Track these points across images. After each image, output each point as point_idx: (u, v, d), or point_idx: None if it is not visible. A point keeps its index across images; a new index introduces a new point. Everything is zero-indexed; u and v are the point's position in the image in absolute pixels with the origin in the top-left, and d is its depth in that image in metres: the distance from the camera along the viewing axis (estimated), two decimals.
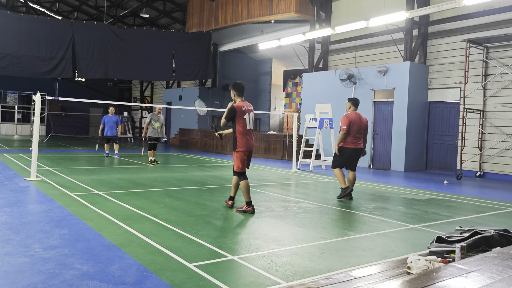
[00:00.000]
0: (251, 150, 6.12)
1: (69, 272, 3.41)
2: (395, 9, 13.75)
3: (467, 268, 2.34)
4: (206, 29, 21.24)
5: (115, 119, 14.24)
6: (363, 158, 14.37)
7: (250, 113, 6.07)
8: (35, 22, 18.64)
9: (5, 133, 29.16)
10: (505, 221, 6.13)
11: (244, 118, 5.97)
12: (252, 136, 6.12)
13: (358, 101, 7.59)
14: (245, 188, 6.00)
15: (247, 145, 6.02)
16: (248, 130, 6.03)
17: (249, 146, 6.04)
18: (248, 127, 6.03)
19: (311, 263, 3.85)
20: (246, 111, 6.02)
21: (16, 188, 7.36)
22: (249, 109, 6.09)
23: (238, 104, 6.03)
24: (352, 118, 7.35)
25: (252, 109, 6.16)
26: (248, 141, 6.03)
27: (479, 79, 12.30)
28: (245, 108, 6.02)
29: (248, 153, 6.07)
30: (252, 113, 6.13)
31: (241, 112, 5.96)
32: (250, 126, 6.06)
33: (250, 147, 6.06)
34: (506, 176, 11.75)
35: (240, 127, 5.98)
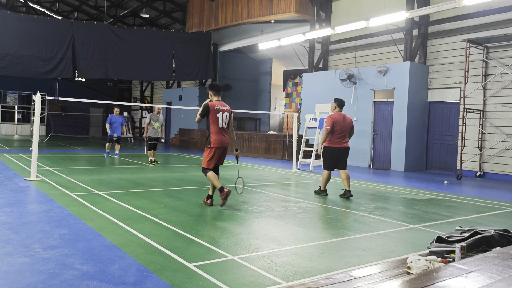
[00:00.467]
0: (225, 147, 6.40)
1: (69, 272, 3.41)
2: (395, 9, 13.75)
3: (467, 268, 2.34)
4: (206, 29, 21.24)
5: (120, 120, 14.30)
6: (363, 158, 14.40)
7: (224, 112, 6.38)
8: (35, 22, 18.63)
9: (5, 133, 29.16)
10: (505, 221, 6.13)
11: (217, 117, 6.29)
12: (225, 134, 6.40)
13: (343, 102, 7.92)
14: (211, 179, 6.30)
15: (219, 142, 6.30)
16: (221, 128, 6.34)
17: (221, 143, 6.32)
18: (221, 126, 6.33)
19: (311, 263, 3.85)
20: (220, 110, 6.34)
21: (16, 188, 7.36)
22: (224, 108, 6.39)
23: (213, 103, 6.36)
24: (336, 118, 7.64)
25: (227, 110, 6.44)
26: (220, 139, 6.33)
27: (479, 79, 12.30)
28: (219, 107, 6.35)
29: (220, 150, 6.36)
30: (227, 113, 6.41)
31: (214, 111, 6.30)
32: (223, 125, 6.36)
33: (223, 144, 6.34)
34: (506, 176, 11.75)
35: (213, 125, 6.31)
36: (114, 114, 14.24)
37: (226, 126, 6.41)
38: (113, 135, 14.21)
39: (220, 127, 6.34)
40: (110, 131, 14.17)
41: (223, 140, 6.36)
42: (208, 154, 6.35)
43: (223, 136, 6.36)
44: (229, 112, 6.47)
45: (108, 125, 14.14)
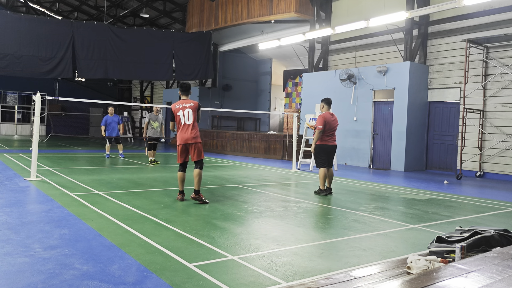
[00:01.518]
0: (189, 143, 6.61)
1: (69, 272, 3.41)
2: (395, 9, 13.75)
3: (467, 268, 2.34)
4: (206, 29, 21.24)
5: (116, 119, 14.12)
6: (363, 158, 14.40)
7: (186, 109, 6.59)
8: (35, 22, 18.63)
9: (5, 133, 29.16)
10: (505, 221, 6.13)
11: (178, 115, 6.60)
12: (188, 130, 6.58)
13: (330, 100, 8.18)
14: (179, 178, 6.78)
15: (181, 139, 6.58)
16: (183, 125, 6.58)
17: (184, 139, 6.57)
18: (183, 122, 6.58)
19: (311, 263, 3.85)
20: (180, 108, 6.61)
21: (16, 188, 7.36)
22: (185, 105, 6.62)
23: (174, 104, 6.73)
24: (327, 118, 7.90)
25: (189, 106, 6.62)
26: (182, 136, 6.57)
27: (479, 79, 12.30)
28: (179, 106, 6.63)
29: (183, 146, 6.60)
30: (189, 110, 6.60)
31: (174, 110, 6.63)
32: (185, 121, 6.59)
33: (186, 141, 6.57)
34: (506, 176, 11.75)
35: (176, 123, 6.66)
36: (109, 114, 14.06)
37: (189, 122, 6.59)
38: (111, 135, 14.09)
39: (181, 124, 6.59)
40: (106, 133, 13.95)
41: (185, 137, 6.57)
42: (177, 152, 6.71)
43: (184, 133, 6.57)
44: (192, 108, 6.64)
45: (103, 127, 13.91)
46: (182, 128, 6.59)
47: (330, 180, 7.99)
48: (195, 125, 6.64)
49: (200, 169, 6.65)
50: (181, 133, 6.58)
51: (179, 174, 6.79)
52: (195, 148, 6.61)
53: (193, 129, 6.60)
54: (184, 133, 6.57)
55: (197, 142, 6.63)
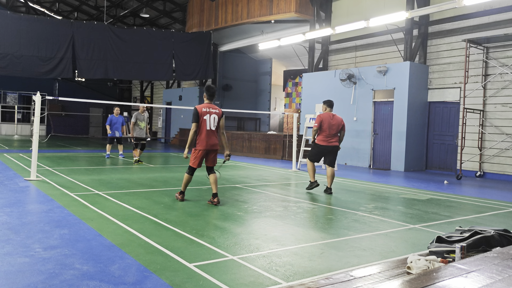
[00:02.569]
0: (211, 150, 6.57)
1: (69, 272, 3.41)
2: (395, 9, 13.75)
3: (467, 268, 2.34)
4: (206, 29, 21.24)
5: (121, 120, 14.04)
6: (363, 158, 14.40)
7: (212, 115, 6.51)
8: (35, 22, 18.63)
9: (5, 133, 29.17)
10: (505, 221, 6.13)
11: (204, 119, 6.47)
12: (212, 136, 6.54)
13: (332, 103, 8.18)
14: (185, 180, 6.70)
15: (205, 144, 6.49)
16: (208, 130, 6.49)
17: (207, 145, 6.50)
18: (208, 128, 6.48)
19: (311, 263, 3.85)
20: (207, 112, 6.50)
21: (16, 188, 7.36)
22: (212, 111, 6.53)
23: (200, 106, 6.55)
24: (324, 117, 7.95)
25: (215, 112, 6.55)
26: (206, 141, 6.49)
27: (479, 79, 12.30)
28: (206, 110, 6.51)
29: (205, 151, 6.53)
30: (216, 116, 6.55)
31: (202, 113, 6.47)
32: (211, 127, 6.51)
33: (208, 147, 6.52)
34: (506, 176, 11.75)
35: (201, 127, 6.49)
36: (114, 115, 13.98)
37: (214, 128, 6.55)
38: (114, 135, 14.04)
39: (207, 129, 6.48)
40: (111, 132, 13.93)
41: (210, 143, 6.50)
42: (194, 155, 6.57)
43: (209, 138, 6.50)
44: (218, 114, 6.58)
45: (108, 126, 13.86)
46: (206, 133, 6.47)
47: (330, 180, 8.02)
48: (216, 132, 6.63)
49: (214, 173, 6.69)
50: (205, 138, 6.47)
51: (188, 176, 6.67)
52: (214, 155, 6.64)
53: (216, 136, 6.61)
54: (209, 138, 6.48)
55: (217, 149, 6.69)
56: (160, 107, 28.76)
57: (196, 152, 6.53)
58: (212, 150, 6.57)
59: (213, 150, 6.59)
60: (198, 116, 6.44)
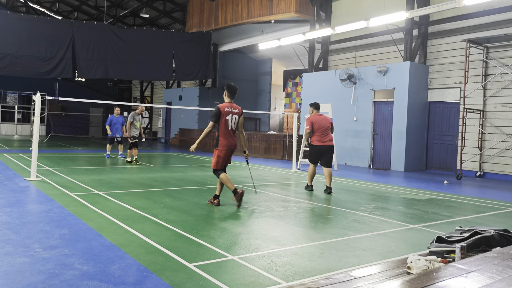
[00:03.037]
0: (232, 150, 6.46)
1: (69, 272, 3.41)
2: (395, 9, 13.75)
3: (467, 268, 2.34)
4: (206, 29, 21.24)
5: (121, 120, 13.96)
6: (363, 158, 14.40)
7: (234, 115, 6.38)
8: (35, 22, 18.63)
9: (5, 133, 29.17)
10: (505, 221, 6.13)
11: (226, 119, 6.32)
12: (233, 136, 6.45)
13: (318, 104, 8.51)
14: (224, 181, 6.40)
15: (227, 145, 6.36)
16: (229, 130, 6.36)
17: (229, 146, 6.38)
18: (230, 128, 6.35)
19: (311, 263, 3.85)
20: (229, 112, 6.35)
21: (16, 188, 7.36)
22: (234, 111, 6.39)
23: (223, 105, 6.38)
24: (314, 119, 8.22)
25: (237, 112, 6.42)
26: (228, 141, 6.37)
27: (479, 79, 12.30)
28: (229, 109, 6.36)
29: (228, 151, 6.41)
30: (237, 116, 6.42)
31: (224, 113, 6.30)
32: (232, 127, 6.38)
33: (230, 147, 6.40)
34: (506, 176, 11.75)
35: (221, 127, 6.34)
36: (114, 115, 13.91)
37: (235, 128, 6.45)
38: (115, 136, 14.00)
39: (228, 129, 6.36)
40: (112, 132, 13.85)
41: (231, 143, 6.40)
42: (217, 156, 6.41)
43: (231, 138, 6.40)
44: (239, 114, 6.47)
45: (108, 127, 13.77)
46: (228, 134, 6.36)
47: (329, 180, 8.12)
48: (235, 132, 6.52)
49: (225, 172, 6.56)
50: (227, 138, 6.35)
51: (224, 175, 6.42)
52: (231, 154, 6.56)
53: (235, 136, 6.50)
54: (231, 138, 6.39)
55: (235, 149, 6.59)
56: (160, 107, 28.75)
57: (219, 152, 6.38)
58: (233, 150, 6.50)
59: (232, 150, 6.51)
60: (219, 115, 6.29)
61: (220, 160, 6.40)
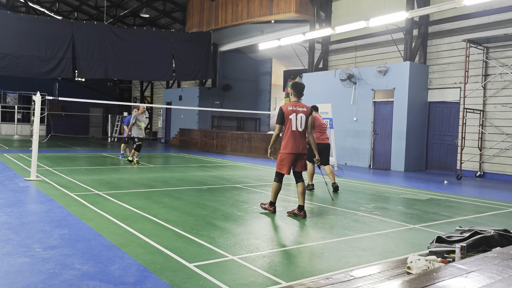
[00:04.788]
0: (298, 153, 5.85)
1: (69, 272, 3.41)
2: (395, 9, 13.75)
3: (467, 268, 2.34)
4: (206, 29, 21.24)
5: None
6: (363, 158, 14.39)
7: (299, 114, 5.84)
8: (35, 22, 18.63)
9: (5, 133, 29.16)
10: (505, 221, 6.13)
11: (289, 118, 5.80)
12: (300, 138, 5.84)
13: (316, 106, 8.82)
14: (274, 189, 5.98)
15: (291, 147, 5.80)
16: (294, 131, 5.79)
17: (293, 148, 5.80)
18: (294, 128, 5.80)
19: (311, 263, 3.85)
20: (294, 111, 5.84)
21: (16, 188, 7.36)
22: (299, 109, 5.88)
23: (286, 105, 5.91)
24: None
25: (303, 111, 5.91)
26: (292, 144, 5.81)
27: (479, 79, 12.30)
28: (292, 108, 5.86)
29: (293, 156, 5.82)
30: (303, 115, 5.87)
31: (287, 112, 5.81)
32: (298, 128, 5.82)
33: (295, 150, 5.80)
34: (506, 176, 11.74)
35: (286, 127, 5.84)
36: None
37: (302, 129, 5.84)
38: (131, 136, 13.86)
39: (292, 130, 5.79)
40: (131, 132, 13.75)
41: (296, 146, 5.78)
42: (279, 160, 5.91)
43: (296, 140, 5.80)
44: (306, 113, 5.90)
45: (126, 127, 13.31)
46: (293, 135, 5.76)
47: (332, 176, 8.30)
48: (306, 133, 5.92)
49: (303, 182, 5.96)
50: (292, 140, 5.76)
51: (276, 184, 5.91)
52: (303, 159, 5.89)
53: (305, 138, 5.86)
54: (296, 140, 5.76)
55: (306, 153, 5.96)
56: (160, 107, 28.75)
57: (281, 156, 5.83)
58: (301, 154, 5.83)
59: (302, 154, 5.85)
60: (283, 116, 5.76)
61: (284, 165, 5.82)
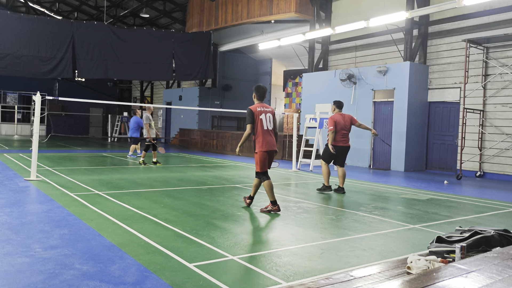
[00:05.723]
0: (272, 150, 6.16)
1: (69, 272, 3.41)
2: (395, 9, 13.75)
3: (467, 268, 2.34)
4: (206, 29, 21.24)
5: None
6: (363, 158, 14.40)
7: (267, 114, 6.18)
8: (35, 22, 18.64)
9: (5, 133, 29.16)
10: (505, 221, 6.13)
11: (260, 119, 6.12)
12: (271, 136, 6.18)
13: (342, 103, 8.36)
14: (269, 187, 6.12)
15: (267, 144, 6.11)
16: (266, 130, 6.12)
17: (269, 145, 6.11)
18: (266, 127, 6.12)
19: (311, 263, 3.85)
20: (262, 111, 6.17)
21: (16, 188, 7.36)
22: (266, 110, 6.22)
23: (255, 106, 6.23)
24: (336, 118, 8.12)
25: (270, 111, 6.25)
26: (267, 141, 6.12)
27: (479, 79, 12.30)
28: (261, 109, 6.18)
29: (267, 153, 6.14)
30: (270, 115, 6.22)
31: (257, 113, 6.13)
32: (268, 127, 6.15)
33: (271, 147, 6.13)
34: (506, 176, 11.74)
35: (257, 128, 6.13)
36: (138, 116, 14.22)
37: (271, 128, 6.21)
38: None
39: (264, 129, 6.13)
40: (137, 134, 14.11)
41: (269, 142, 6.12)
42: (259, 159, 6.15)
43: (269, 137, 6.15)
44: (272, 113, 6.28)
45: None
46: (265, 133, 6.10)
47: (342, 180, 8.17)
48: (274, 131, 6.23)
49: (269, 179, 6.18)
50: (265, 139, 6.08)
51: (268, 182, 6.11)
52: (273, 156, 6.22)
53: (273, 136, 6.20)
54: (269, 138, 6.12)
55: (276, 150, 6.24)
56: (160, 107, 28.75)
57: (259, 155, 6.12)
58: (273, 151, 6.17)
59: (274, 151, 6.19)
60: (253, 116, 6.10)
61: (262, 162, 6.13)
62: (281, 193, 8.05)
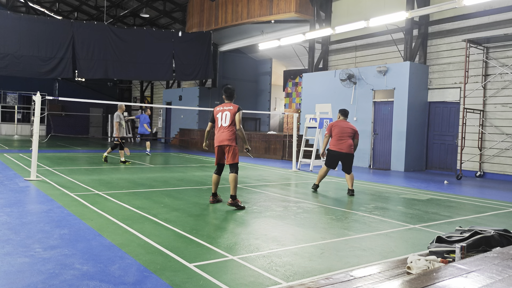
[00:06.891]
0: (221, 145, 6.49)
1: (69, 272, 3.41)
2: (395, 9, 13.75)
3: (467, 268, 2.34)
4: (206, 29, 21.24)
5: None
6: (363, 158, 14.39)
7: (224, 112, 6.55)
8: (35, 22, 18.63)
9: (5, 133, 29.16)
10: (505, 221, 6.13)
11: (216, 117, 6.59)
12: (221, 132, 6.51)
13: (347, 112, 8.46)
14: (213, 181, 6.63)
15: (215, 140, 6.57)
16: (219, 127, 6.54)
17: (216, 141, 6.53)
18: (219, 125, 6.54)
19: (311, 263, 3.85)
20: (220, 110, 6.59)
21: (16, 188, 7.36)
22: (225, 108, 6.58)
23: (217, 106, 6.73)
24: (334, 124, 8.27)
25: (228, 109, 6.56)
26: (216, 137, 6.56)
27: (479, 79, 12.30)
28: (219, 108, 6.62)
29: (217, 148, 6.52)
30: (228, 112, 6.54)
31: (215, 112, 6.63)
32: (222, 124, 6.53)
33: (217, 142, 6.51)
34: (506, 176, 11.74)
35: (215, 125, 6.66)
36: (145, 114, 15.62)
37: (226, 124, 6.49)
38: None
39: (218, 126, 6.54)
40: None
41: (218, 138, 6.51)
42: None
43: (221, 134, 6.49)
44: (231, 111, 6.51)
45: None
46: (218, 130, 6.53)
47: (350, 182, 8.17)
48: (232, 128, 6.47)
49: (235, 173, 6.40)
50: (216, 135, 6.54)
51: (214, 176, 6.60)
52: (229, 151, 6.42)
53: (229, 132, 6.44)
54: (219, 135, 6.48)
55: (232, 145, 6.41)
56: (160, 107, 28.75)
57: (215, 149, 6.57)
58: (222, 146, 6.44)
59: (227, 146, 6.41)
60: (212, 115, 6.65)
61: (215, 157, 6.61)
62: (281, 193, 8.05)
